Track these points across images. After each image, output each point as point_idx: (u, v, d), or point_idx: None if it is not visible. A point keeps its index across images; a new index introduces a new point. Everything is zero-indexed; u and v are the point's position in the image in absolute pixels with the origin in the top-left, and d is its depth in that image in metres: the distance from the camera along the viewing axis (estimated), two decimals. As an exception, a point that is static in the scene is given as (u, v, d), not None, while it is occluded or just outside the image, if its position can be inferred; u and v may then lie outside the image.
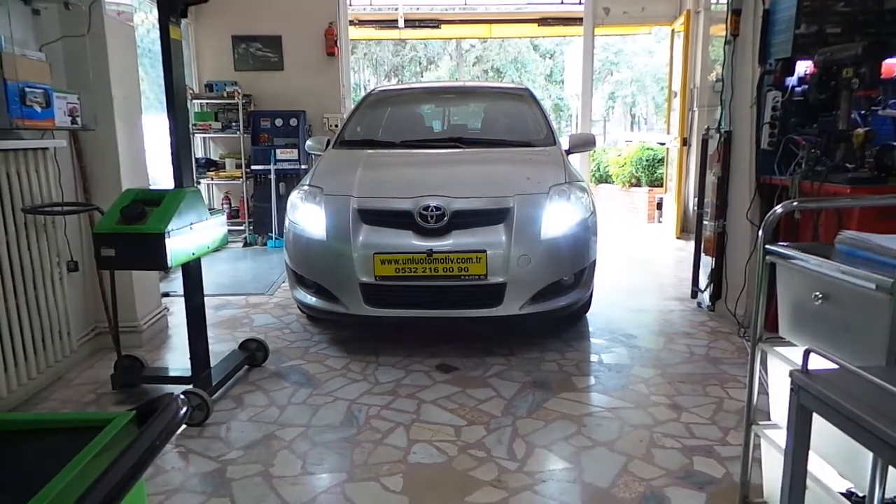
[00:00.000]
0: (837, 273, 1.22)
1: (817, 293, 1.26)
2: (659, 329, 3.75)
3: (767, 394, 1.71)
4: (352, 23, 8.30)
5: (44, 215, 2.82)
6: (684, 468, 2.21)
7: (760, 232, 1.46)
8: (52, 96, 2.72)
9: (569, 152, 3.96)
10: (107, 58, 3.22)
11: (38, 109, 2.64)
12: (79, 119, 2.91)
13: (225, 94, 6.60)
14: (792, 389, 0.96)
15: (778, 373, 1.51)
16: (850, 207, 2.69)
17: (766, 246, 1.42)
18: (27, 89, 2.57)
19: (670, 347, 3.41)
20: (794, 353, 1.37)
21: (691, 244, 4.53)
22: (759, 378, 1.60)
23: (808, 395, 0.92)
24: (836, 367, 0.95)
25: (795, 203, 1.73)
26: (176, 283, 4.48)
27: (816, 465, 1.18)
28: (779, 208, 1.43)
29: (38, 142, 2.81)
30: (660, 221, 7.99)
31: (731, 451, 2.30)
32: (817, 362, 1.00)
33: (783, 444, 1.13)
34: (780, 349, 1.44)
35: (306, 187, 3.51)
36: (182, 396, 0.88)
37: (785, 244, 1.42)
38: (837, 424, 0.86)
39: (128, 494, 0.72)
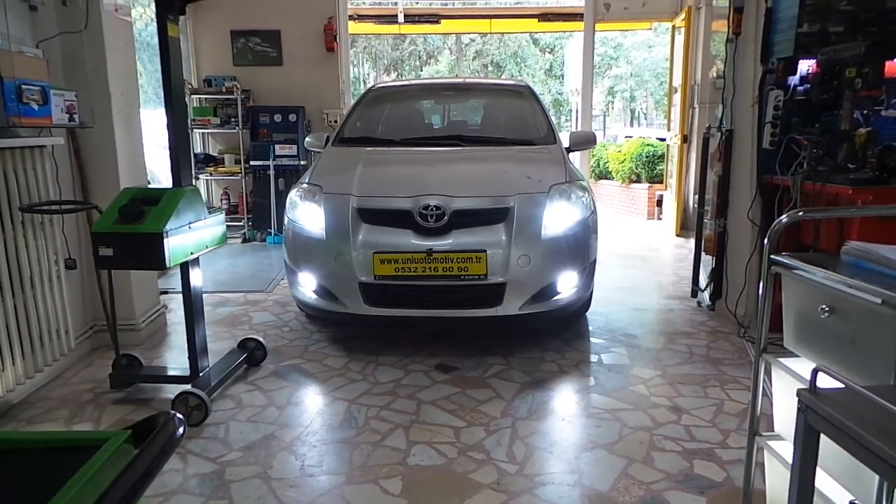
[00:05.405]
0: (844, 286, 1.21)
1: (823, 306, 1.25)
2: (659, 329, 3.74)
3: (769, 397, 1.69)
4: (351, 17, 8.24)
5: (41, 214, 2.80)
6: (684, 472, 2.20)
7: (766, 241, 1.44)
8: (50, 93, 2.69)
9: (569, 150, 3.94)
10: (104, 54, 3.19)
11: (35, 107, 2.61)
12: (76, 116, 2.89)
13: (224, 90, 6.56)
14: (799, 409, 0.94)
15: (782, 383, 1.49)
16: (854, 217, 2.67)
17: (772, 256, 1.40)
18: (24, 86, 2.54)
19: (670, 347, 3.40)
20: (798, 364, 1.36)
21: (691, 241, 4.52)
22: (763, 385, 1.59)
23: (815, 416, 0.91)
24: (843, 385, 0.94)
25: (801, 213, 1.72)
26: (175, 279, 4.46)
27: (820, 477, 1.17)
28: (784, 218, 1.41)
29: (35, 139, 2.78)
30: (659, 218, 7.97)
31: (732, 455, 2.29)
32: (824, 379, 0.99)
33: (787, 456, 1.12)
34: (783, 360, 1.42)
35: (305, 185, 3.48)
36: (179, 416, 0.86)
37: (790, 254, 1.40)
38: (845, 447, 0.85)
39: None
